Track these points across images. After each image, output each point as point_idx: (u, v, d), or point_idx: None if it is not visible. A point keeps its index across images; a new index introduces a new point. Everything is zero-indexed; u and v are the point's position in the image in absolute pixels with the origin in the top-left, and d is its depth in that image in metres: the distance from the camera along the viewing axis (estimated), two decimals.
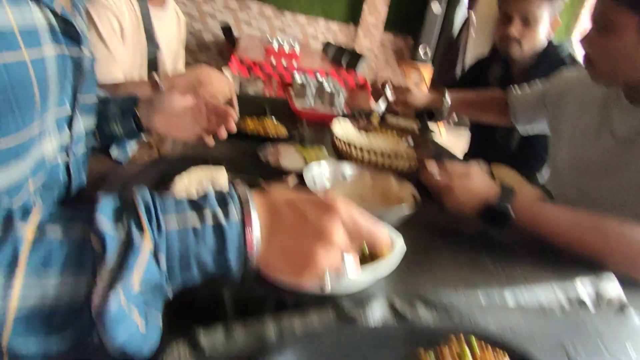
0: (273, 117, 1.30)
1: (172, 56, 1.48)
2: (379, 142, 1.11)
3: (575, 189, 1.02)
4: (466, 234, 0.82)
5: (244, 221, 0.39)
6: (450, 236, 0.79)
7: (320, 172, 0.85)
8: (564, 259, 0.75)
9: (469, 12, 3.83)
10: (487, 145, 1.64)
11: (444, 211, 0.80)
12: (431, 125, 1.63)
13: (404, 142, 1.14)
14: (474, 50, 4.05)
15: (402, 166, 0.95)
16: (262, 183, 0.81)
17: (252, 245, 0.39)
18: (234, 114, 0.79)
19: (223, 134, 0.80)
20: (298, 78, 1.60)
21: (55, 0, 0.52)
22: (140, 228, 0.36)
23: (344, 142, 0.96)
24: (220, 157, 0.91)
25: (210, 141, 0.82)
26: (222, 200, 0.40)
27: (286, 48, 3.27)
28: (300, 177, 0.84)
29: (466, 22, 3.85)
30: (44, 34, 0.51)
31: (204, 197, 0.41)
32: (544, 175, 1.51)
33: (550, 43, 1.48)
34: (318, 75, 1.69)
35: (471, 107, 1.42)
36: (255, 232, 0.39)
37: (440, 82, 4.04)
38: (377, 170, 0.89)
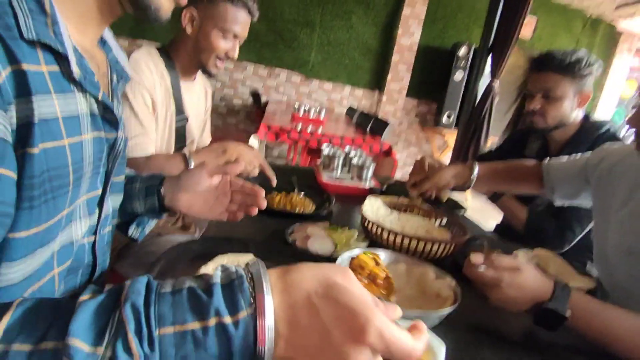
0: (301, 192, 1.27)
1: (199, 126, 1.51)
2: (411, 222, 1.06)
3: (625, 273, 0.94)
4: (513, 335, 0.74)
5: (255, 317, 0.34)
6: (495, 338, 0.71)
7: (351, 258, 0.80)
8: None
9: (492, 80, 3.89)
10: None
11: (487, 306, 0.73)
12: (458, 193, 1.56)
13: (437, 222, 1.09)
14: (497, 117, 4.06)
15: (438, 252, 0.90)
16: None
17: (265, 341, 0.34)
18: (262, 191, 0.76)
19: (254, 211, 0.77)
20: (325, 149, 1.60)
21: (98, 86, 0.53)
22: (129, 352, 0.32)
23: (375, 226, 0.92)
24: (246, 238, 0.87)
25: (234, 218, 0.79)
26: (230, 294, 0.35)
27: (312, 114, 3.35)
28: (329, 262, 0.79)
29: (489, 90, 3.90)
30: (85, 121, 0.52)
31: (209, 292, 0.35)
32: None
33: (586, 118, 1.44)
34: (345, 144, 1.68)
35: (500, 178, 1.35)
36: (270, 335, 0.34)
37: (464, 147, 4.03)
38: (411, 257, 0.83)
